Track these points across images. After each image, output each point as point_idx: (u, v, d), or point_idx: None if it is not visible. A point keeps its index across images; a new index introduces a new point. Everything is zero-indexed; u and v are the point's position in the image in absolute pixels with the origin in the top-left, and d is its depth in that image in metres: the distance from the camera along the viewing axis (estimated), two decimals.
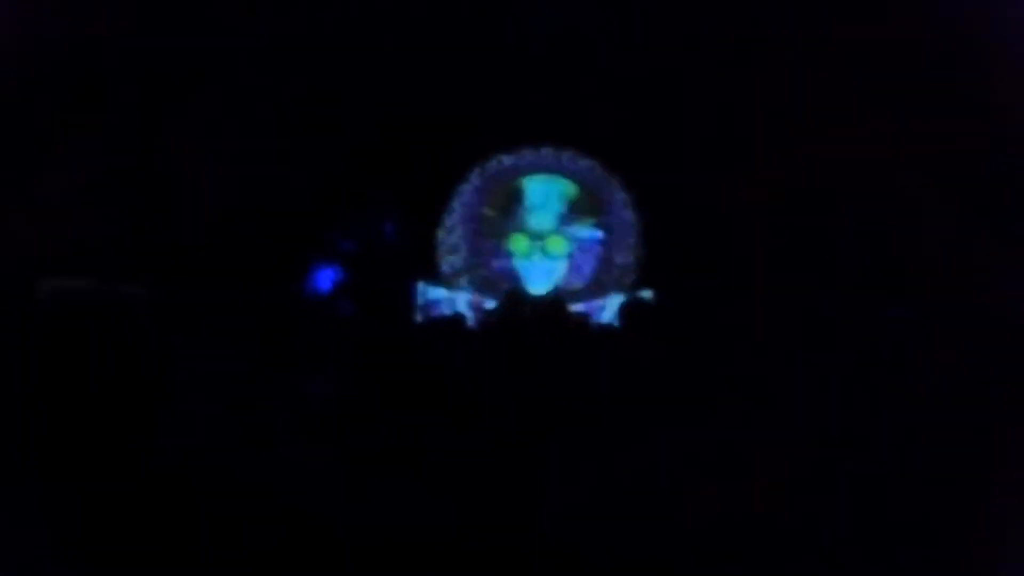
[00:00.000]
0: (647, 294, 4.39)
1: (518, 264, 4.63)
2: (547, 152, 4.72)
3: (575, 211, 4.65)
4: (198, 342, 2.80)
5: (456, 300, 4.47)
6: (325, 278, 4.17)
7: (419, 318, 4.36)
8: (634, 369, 2.67)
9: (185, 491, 2.31)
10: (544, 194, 4.66)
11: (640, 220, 4.56)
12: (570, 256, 4.61)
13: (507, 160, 4.74)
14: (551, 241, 4.61)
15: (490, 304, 4.43)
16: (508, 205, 4.71)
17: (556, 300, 4.28)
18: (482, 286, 4.59)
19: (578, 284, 4.59)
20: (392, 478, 2.44)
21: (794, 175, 3.45)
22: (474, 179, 4.69)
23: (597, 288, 4.57)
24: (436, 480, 2.39)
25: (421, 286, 4.48)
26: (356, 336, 3.19)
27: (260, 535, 2.30)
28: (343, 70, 3.94)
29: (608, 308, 4.47)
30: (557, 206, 4.68)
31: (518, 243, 4.63)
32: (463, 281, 4.57)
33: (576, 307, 4.51)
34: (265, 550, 2.29)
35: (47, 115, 2.95)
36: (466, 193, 4.72)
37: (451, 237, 4.67)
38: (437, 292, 4.48)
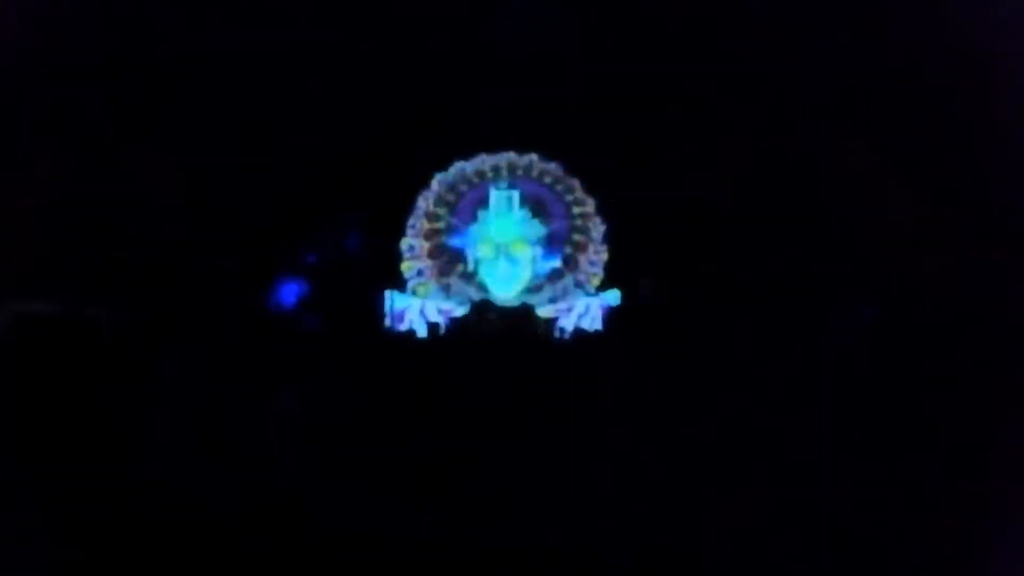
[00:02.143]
0: (613, 297, 4.40)
1: (483, 270, 4.61)
2: (508, 157, 4.71)
3: (538, 216, 4.64)
4: (163, 361, 2.76)
5: (423, 308, 4.44)
6: (289, 291, 4.12)
7: (386, 328, 4.32)
8: (606, 372, 2.67)
9: (157, 510, 2.28)
10: (507, 199, 4.65)
11: (603, 224, 4.57)
12: (534, 261, 4.61)
13: (468, 166, 4.73)
14: (515, 246, 4.60)
15: (457, 311, 4.42)
16: (471, 211, 4.70)
17: (523, 306, 4.28)
18: (448, 293, 4.57)
19: (543, 289, 4.59)
20: (367, 489, 2.41)
21: (760, 174, 3.47)
22: (435, 186, 4.68)
23: (563, 292, 4.57)
24: (411, 491, 2.37)
25: (387, 295, 4.45)
26: (324, 348, 3.15)
27: (233, 550, 2.27)
28: (301, 81, 3.90)
29: (574, 312, 4.47)
30: (520, 211, 4.67)
31: (483, 249, 4.62)
32: (429, 289, 4.55)
33: (542, 312, 4.51)
34: (238, 565, 2.26)
35: (7, 136, 2.90)
36: (428, 201, 4.70)
37: (415, 245, 4.65)
38: (403, 300, 4.45)
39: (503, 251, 4.67)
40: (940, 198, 2.73)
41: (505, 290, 4.64)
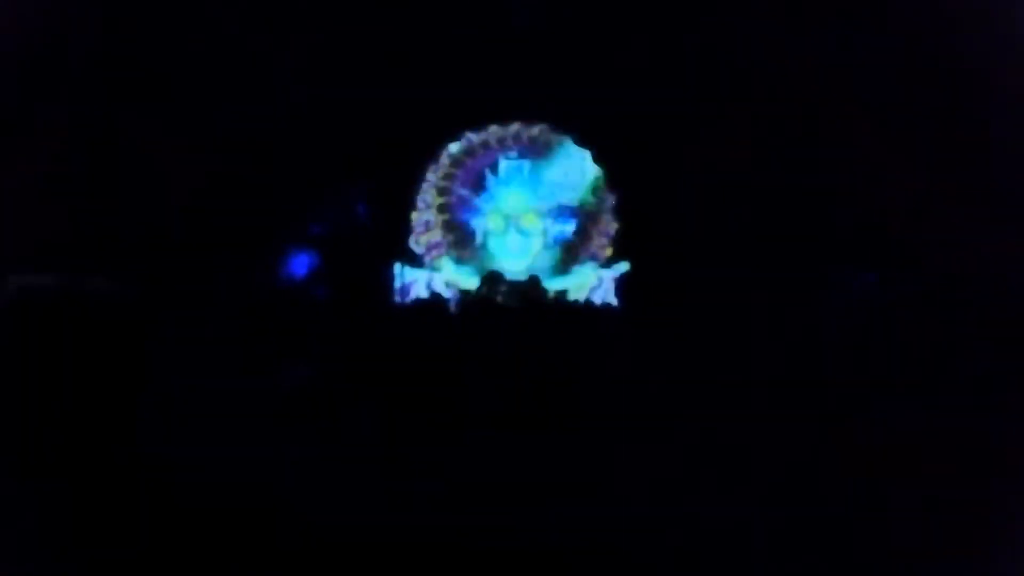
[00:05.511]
0: (622, 268, 4.38)
1: (493, 242, 4.60)
2: (516, 129, 4.68)
3: (548, 187, 4.62)
4: (172, 333, 2.76)
5: (432, 280, 4.44)
6: (300, 263, 4.13)
7: (396, 300, 4.33)
8: (616, 345, 2.66)
9: (166, 482, 2.28)
10: (516, 171, 4.63)
11: (613, 195, 4.54)
12: (544, 232, 4.59)
13: (476, 138, 4.70)
14: (525, 218, 4.58)
15: (467, 283, 4.41)
16: (480, 183, 4.68)
17: (533, 278, 4.27)
18: (459, 266, 4.56)
19: (553, 260, 4.58)
20: (375, 462, 2.42)
21: (765, 150, 3.46)
22: (444, 158, 4.65)
23: (573, 264, 4.55)
24: (420, 464, 2.37)
25: (397, 267, 4.44)
26: (334, 320, 3.15)
27: (244, 524, 2.28)
28: (311, 56, 3.90)
29: (584, 284, 4.46)
30: (530, 183, 4.65)
31: (493, 221, 4.61)
32: (438, 261, 4.54)
33: (552, 284, 4.50)
34: (248, 538, 2.27)
35: (10, 109, 2.90)
36: (437, 173, 4.68)
37: (424, 217, 4.64)
38: (413, 273, 4.45)
39: (513, 222, 4.66)
40: (945, 173, 2.72)
41: (515, 261, 4.63)
